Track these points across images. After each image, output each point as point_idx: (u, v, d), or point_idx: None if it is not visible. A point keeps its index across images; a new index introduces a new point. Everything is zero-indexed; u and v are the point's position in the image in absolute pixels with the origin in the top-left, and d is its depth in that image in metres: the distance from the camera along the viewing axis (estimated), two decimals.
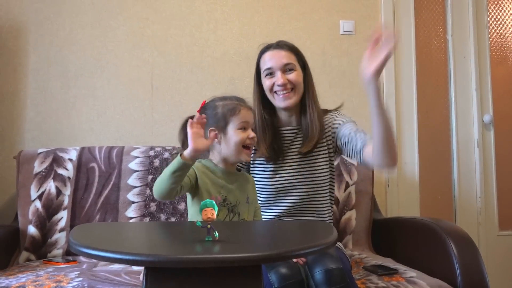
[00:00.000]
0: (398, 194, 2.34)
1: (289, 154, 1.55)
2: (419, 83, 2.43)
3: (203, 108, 1.31)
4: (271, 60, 1.51)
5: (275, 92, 1.51)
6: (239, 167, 1.53)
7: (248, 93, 2.24)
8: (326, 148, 1.55)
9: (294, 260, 1.27)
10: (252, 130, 1.31)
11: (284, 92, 1.49)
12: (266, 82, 1.52)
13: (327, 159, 1.55)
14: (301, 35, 2.32)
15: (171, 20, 2.26)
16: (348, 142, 1.48)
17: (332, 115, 1.58)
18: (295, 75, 1.50)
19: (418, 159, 2.38)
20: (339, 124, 1.54)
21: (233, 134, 1.27)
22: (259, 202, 1.50)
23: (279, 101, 1.51)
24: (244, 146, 1.28)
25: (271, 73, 1.51)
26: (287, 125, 1.57)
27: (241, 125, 1.28)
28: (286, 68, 1.50)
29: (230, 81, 2.27)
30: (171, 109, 2.22)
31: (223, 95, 1.35)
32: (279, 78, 1.48)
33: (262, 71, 1.54)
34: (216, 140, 1.27)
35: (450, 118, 2.47)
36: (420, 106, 2.42)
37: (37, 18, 2.17)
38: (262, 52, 1.56)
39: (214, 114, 1.29)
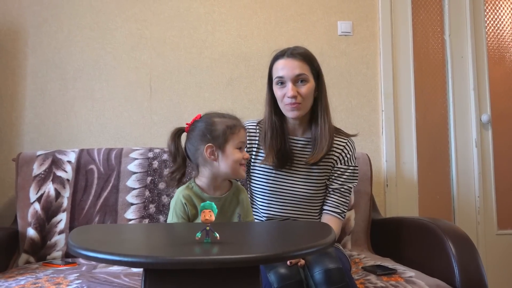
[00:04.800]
0: (396, 194, 2.34)
1: (296, 163, 1.55)
2: (417, 83, 2.43)
3: (199, 122, 1.30)
4: (283, 69, 1.49)
5: (285, 104, 1.49)
6: None
7: (246, 94, 2.27)
8: (330, 165, 1.56)
9: (289, 263, 1.27)
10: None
11: (293, 105, 1.48)
12: (278, 92, 1.51)
13: (328, 174, 1.57)
14: (299, 36, 2.33)
15: (169, 22, 2.26)
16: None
17: (344, 142, 1.57)
18: (306, 88, 1.48)
19: (416, 159, 2.39)
20: (342, 168, 1.55)
21: (231, 153, 1.26)
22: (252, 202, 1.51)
23: (287, 111, 1.50)
24: (240, 164, 1.28)
25: (282, 82, 1.49)
26: (296, 133, 1.57)
27: (239, 145, 1.27)
28: (298, 79, 1.48)
29: (228, 82, 2.28)
30: (169, 111, 2.22)
31: (219, 111, 1.33)
32: (289, 90, 1.46)
33: (273, 78, 1.52)
34: (212, 157, 1.26)
35: (448, 118, 2.48)
36: (418, 106, 2.43)
37: (36, 21, 2.17)
38: (275, 58, 1.53)
39: (211, 130, 1.26)
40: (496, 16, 2.59)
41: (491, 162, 2.47)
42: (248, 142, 1.56)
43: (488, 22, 2.57)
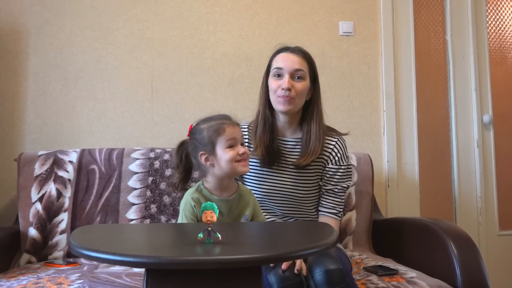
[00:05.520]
0: (398, 194, 2.34)
1: (284, 163, 1.54)
2: (418, 84, 2.43)
3: (191, 133, 1.33)
4: (283, 61, 1.51)
5: (278, 95, 1.49)
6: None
7: (247, 94, 2.27)
8: (321, 166, 1.55)
9: (284, 266, 1.26)
10: (242, 144, 1.30)
11: (285, 97, 1.47)
12: (273, 84, 1.51)
13: (320, 175, 1.56)
14: (301, 36, 2.33)
15: (171, 22, 2.26)
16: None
17: (334, 141, 1.56)
18: (302, 85, 1.49)
19: (418, 159, 2.39)
20: (333, 168, 1.54)
21: (223, 154, 1.27)
22: None
23: (278, 103, 1.50)
24: (237, 161, 1.27)
25: (279, 74, 1.50)
26: (285, 133, 1.57)
27: (229, 143, 1.27)
28: (295, 74, 1.49)
29: (230, 82, 2.28)
30: (171, 111, 2.22)
31: (207, 115, 1.35)
32: (285, 82, 1.47)
33: (271, 69, 1.53)
34: (208, 163, 1.29)
35: (449, 118, 2.48)
36: (420, 107, 2.42)
37: (37, 21, 2.17)
38: (278, 52, 1.55)
39: (201, 138, 1.29)
40: (497, 17, 2.58)
41: (492, 162, 2.47)
42: None
43: (489, 22, 2.56)
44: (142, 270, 1.43)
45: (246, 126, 1.62)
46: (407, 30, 2.44)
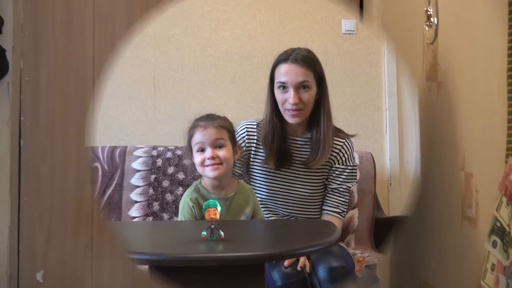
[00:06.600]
0: (400, 192, 2.34)
1: (293, 163, 1.54)
2: None
3: None
4: (286, 75, 1.45)
5: (286, 109, 1.47)
6: (235, 173, 1.51)
7: (249, 93, 2.27)
8: (328, 166, 1.55)
9: (287, 263, 1.27)
10: (220, 147, 1.30)
11: (293, 111, 1.45)
12: (279, 96, 1.48)
13: (326, 175, 1.56)
14: (303, 34, 2.32)
15: (173, 20, 2.26)
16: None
17: (341, 143, 1.56)
18: (308, 95, 1.46)
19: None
20: (340, 167, 1.54)
21: (194, 158, 1.31)
22: None
23: (288, 116, 1.48)
24: (206, 165, 1.28)
25: (284, 87, 1.46)
26: (295, 133, 1.55)
27: (198, 148, 1.30)
28: (300, 86, 1.45)
29: (232, 80, 2.28)
30: (173, 109, 2.22)
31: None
32: (291, 97, 1.43)
33: (275, 82, 1.49)
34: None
35: None
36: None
37: None
38: (279, 62, 1.49)
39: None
40: None
41: None
42: (247, 142, 1.56)
43: None
44: (145, 267, 1.44)
45: (255, 124, 1.58)
46: None
